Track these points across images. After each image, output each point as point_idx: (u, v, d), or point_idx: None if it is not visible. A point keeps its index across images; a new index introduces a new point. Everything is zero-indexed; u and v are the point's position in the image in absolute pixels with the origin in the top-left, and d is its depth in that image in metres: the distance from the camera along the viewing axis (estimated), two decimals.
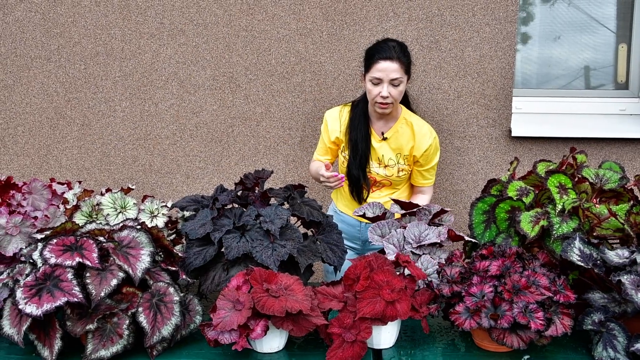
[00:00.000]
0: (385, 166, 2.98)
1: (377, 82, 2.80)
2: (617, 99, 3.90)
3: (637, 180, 2.22)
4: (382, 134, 2.96)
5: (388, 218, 2.36)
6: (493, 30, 3.64)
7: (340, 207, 3.15)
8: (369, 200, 3.00)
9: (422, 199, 3.06)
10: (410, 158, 2.98)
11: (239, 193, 2.40)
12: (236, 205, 2.34)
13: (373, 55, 2.83)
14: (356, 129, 2.96)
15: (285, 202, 2.38)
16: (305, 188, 2.49)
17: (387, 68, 2.78)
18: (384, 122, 2.97)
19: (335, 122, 3.03)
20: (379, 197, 3.04)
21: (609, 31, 3.91)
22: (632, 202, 2.09)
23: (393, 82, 2.79)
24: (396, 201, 2.41)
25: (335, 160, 3.17)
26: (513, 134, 3.70)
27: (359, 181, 2.98)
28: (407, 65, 2.84)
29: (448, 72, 3.71)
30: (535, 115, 3.89)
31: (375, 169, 2.99)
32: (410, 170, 3.03)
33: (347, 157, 3.00)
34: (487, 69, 3.68)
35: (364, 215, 2.40)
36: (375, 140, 2.97)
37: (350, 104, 3.05)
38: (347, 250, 2.37)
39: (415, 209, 2.36)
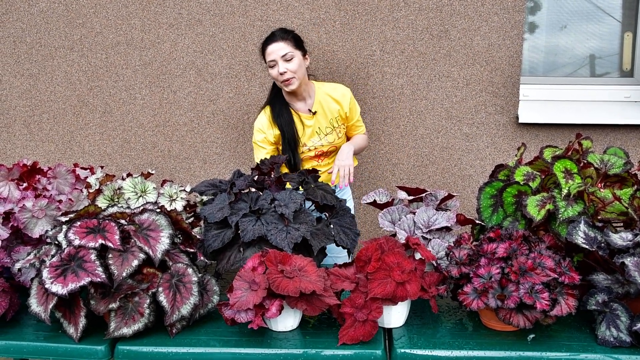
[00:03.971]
0: (326, 134, 3.13)
1: (273, 64, 3.01)
2: (622, 86, 3.88)
3: None
4: (309, 110, 3.12)
5: (396, 204, 2.38)
6: (501, 20, 3.65)
7: None
8: (323, 168, 3.19)
9: (359, 134, 3.30)
10: (341, 118, 3.16)
11: (255, 178, 2.41)
12: (252, 190, 2.35)
13: (262, 47, 3.06)
14: (280, 117, 3.10)
15: (300, 187, 2.39)
16: (319, 173, 2.52)
17: (274, 48, 3.00)
18: (304, 102, 3.14)
19: (265, 122, 3.12)
20: (327, 166, 3.21)
21: (615, 20, 3.89)
22: (636, 186, 2.09)
23: (285, 58, 2.98)
24: (401, 187, 2.43)
25: None
26: (520, 121, 3.71)
27: (294, 159, 3.10)
28: (294, 42, 3.04)
29: (457, 61, 3.73)
30: (542, 102, 3.89)
31: (318, 143, 3.14)
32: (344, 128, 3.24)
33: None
34: (495, 57, 3.70)
35: (373, 203, 2.43)
36: (306, 119, 3.12)
37: (267, 106, 3.17)
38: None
39: (422, 194, 2.36)
